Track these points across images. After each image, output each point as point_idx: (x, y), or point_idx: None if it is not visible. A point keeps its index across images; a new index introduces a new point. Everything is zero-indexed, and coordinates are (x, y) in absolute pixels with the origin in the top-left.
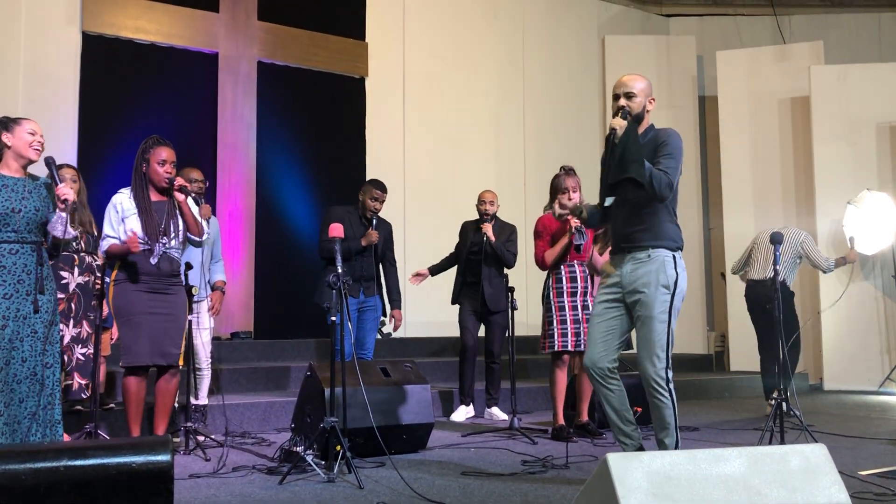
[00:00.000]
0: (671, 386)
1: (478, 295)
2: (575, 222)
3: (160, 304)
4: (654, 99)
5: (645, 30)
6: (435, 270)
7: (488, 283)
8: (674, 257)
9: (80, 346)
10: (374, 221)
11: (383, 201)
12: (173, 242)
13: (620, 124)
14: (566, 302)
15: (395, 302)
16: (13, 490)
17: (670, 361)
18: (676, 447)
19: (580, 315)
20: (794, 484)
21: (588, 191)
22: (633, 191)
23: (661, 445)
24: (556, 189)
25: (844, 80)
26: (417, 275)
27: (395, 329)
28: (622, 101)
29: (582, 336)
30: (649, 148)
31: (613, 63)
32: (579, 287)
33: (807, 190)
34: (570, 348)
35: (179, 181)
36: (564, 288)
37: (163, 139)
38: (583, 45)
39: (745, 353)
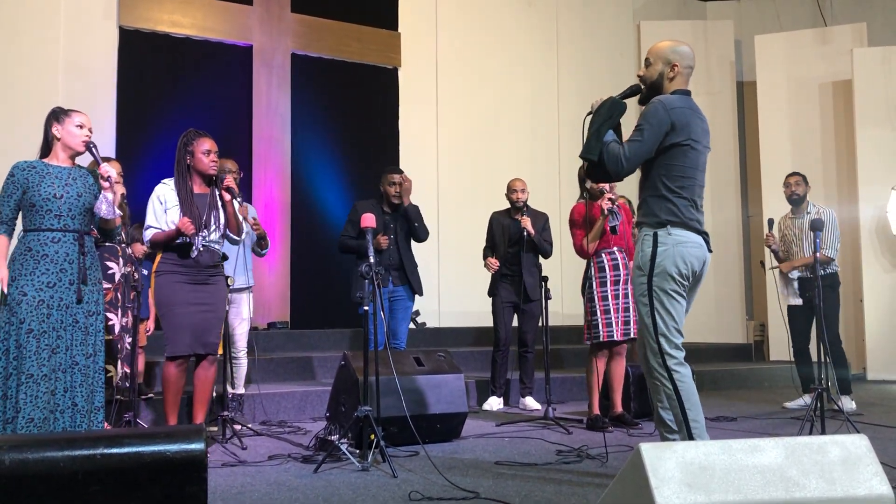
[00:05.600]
0: (672, 374)
1: (513, 286)
2: (607, 204)
3: (201, 295)
4: (676, 65)
5: (681, 14)
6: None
7: (528, 272)
8: (655, 234)
9: (128, 335)
10: (398, 210)
11: (402, 182)
12: (213, 235)
13: (595, 101)
14: (609, 291)
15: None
16: (51, 477)
17: (665, 347)
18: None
19: (622, 303)
20: (834, 475)
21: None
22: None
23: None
24: None
25: (889, 63)
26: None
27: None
28: (640, 71)
29: (631, 324)
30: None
31: None
32: (622, 275)
33: (849, 176)
34: (616, 338)
35: (228, 181)
36: (608, 277)
37: (202, 131)
38: (618, 31)
39: (785, 342)
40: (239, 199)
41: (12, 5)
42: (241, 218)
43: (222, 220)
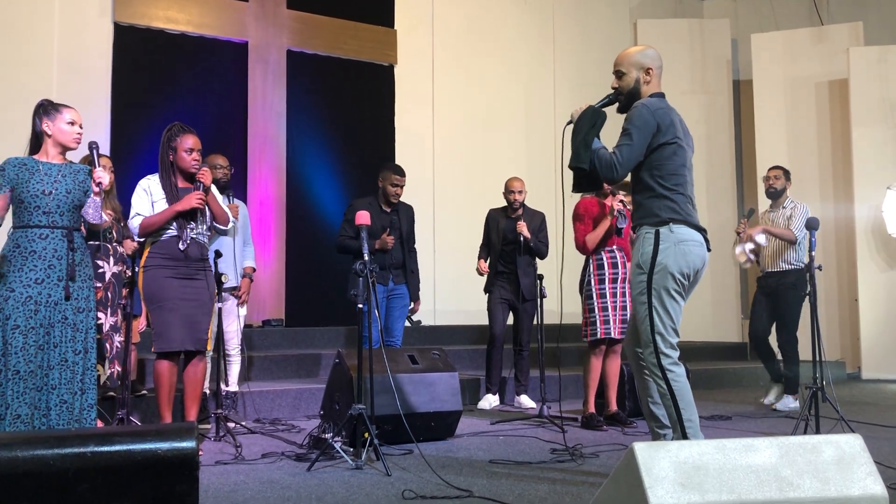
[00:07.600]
0: (667, 373)
1: (510, 284)
2: (617, 205)
3: (189, 290)
4: (651, 69)
5: (678, 13)
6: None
7: (523, 272)
8: (656, 233)
9: (117, 334)
10: (397, 209)
11: (403, 185)
12: (201, 228)
13: (575, 111)
14: (607, 289)
15: (415, 292)
16: (41, 475)
17: (660, 346)
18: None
19: (619, 302)
20: (828, 475)
21: None
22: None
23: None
24: None
25: (885, 62)
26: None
27: (413, 313)
28: (614, 83)
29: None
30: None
31: None
32: (620, 273)
33: (844, 175)
34: (613, 335)
35: (201, 174)
36: (606, 275)
37: (186, 126)
38: (614, 30)
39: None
40: (228, 194)
41: (6, 1)
42: (225, 207)
43: (208, 213)
